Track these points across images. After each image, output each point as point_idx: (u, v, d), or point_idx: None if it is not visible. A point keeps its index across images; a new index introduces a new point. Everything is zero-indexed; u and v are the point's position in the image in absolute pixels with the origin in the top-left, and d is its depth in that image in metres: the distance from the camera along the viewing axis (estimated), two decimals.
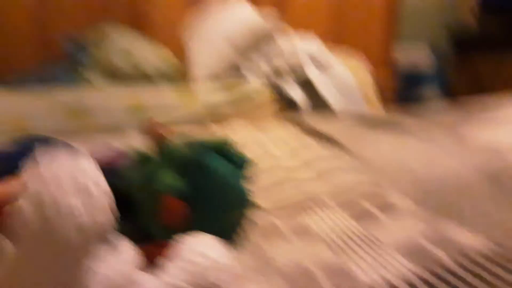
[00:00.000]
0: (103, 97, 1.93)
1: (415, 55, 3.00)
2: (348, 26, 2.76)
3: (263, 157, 0.91)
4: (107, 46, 2.36)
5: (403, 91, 2.73)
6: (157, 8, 2.77)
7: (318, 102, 1.97)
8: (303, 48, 2.18)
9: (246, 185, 0.60)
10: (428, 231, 0.60)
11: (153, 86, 2.21)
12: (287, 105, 2.00)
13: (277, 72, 2.04)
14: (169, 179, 0.53)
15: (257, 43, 2.21)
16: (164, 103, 1.93)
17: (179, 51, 2.50)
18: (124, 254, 0.44)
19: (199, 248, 0.45)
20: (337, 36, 2.69)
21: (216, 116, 1.97)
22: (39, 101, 1.80)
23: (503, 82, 2.51)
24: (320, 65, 2.06)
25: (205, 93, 1.97)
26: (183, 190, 0.53)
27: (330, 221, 0.65)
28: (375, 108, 2.03)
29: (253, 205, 0.63)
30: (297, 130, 1.10)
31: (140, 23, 2.76)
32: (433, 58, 2.95)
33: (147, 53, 2.41)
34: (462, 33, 2.86)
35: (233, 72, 2.20)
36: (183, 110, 1.93)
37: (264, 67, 2.10)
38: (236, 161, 0.60)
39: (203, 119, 1.87)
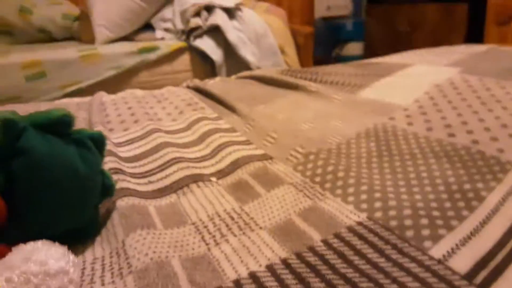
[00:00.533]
0: None
1: (337, 7, 2.97)
2: None
3: (157, 134, 0.84)
4: (1, 3, 2.09)
5: (323, 47, 2.73)
6: None
7: (232, 55, 1.89)
8: None
9: (95, 168, 0.54)
10: (307, 208, 0.58)
11: (54, 45, 2.01)
12: (202, 61, 1.91)
13: (190, 28, 1.92)
14: None
15: None
16: (66, 63, 1.76)
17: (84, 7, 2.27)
18: None
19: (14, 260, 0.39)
20: None
21: (125, 81, 1.84)
22: None
23: (415, 25, 2.56)
24: (229, 12, 1.95)
25: (114, 55, 1.82)
26: None
27: (208, 204, 0.61)
28: (293, 63, 2.00)
29: (110, 190, 0.57)
30: (197, 97, 1.03)
31: None
32: (352, 8, 2.95)
33: (45, 9, 2.16)
34: None
35: (145, 31, 2.05)
36: (88, 73, 1.78)
37: (179, 25, 1.96)
38: (81, 140, 0.53)
39: (110, 85, 1.74)
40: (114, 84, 1.81)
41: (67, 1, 2.30)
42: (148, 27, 2.09)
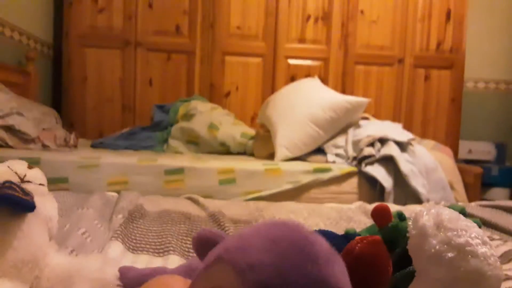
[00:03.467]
0: (196, 162, 2.00)
1: (479, 151, 3.05)
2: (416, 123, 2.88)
3: None
4: (196, 119, 2.49)
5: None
6: (239, 90, 2.97)
7: (400, 185, 1.99)
8: (385, 128, 2.24)
9: None
10: None
11: (240, 157, 2.29)
12: (369, 186, 2.03)
13: (363, 156, 2.09)
14: None
15: (346, 121, 2.27)
16: (253, 173, 1.98)
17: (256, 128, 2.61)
18: None
19: None
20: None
21: (298, 195, 2.00)
22: (141, 162, 1.91)
23: None
24: (401, 145, 2.11)
25: (293, 172, 2.02)
26: None
27: None
28: (462, 200, 2.04)
29: None
30: None
31: (221, 100, 2.92)
32: (496, 155, 3.00)
33: (228, 127, 2.51)
34: None
35: (316, 153, 2.27)
36: (269, 184, 1.97)
37: (351, 152, 2.16)
38: None
39: (284, 197, 1.90)
40: (287, 196, 1.98)
41: (244, 123, 2.67)
42: (318, 150, 2.31)
